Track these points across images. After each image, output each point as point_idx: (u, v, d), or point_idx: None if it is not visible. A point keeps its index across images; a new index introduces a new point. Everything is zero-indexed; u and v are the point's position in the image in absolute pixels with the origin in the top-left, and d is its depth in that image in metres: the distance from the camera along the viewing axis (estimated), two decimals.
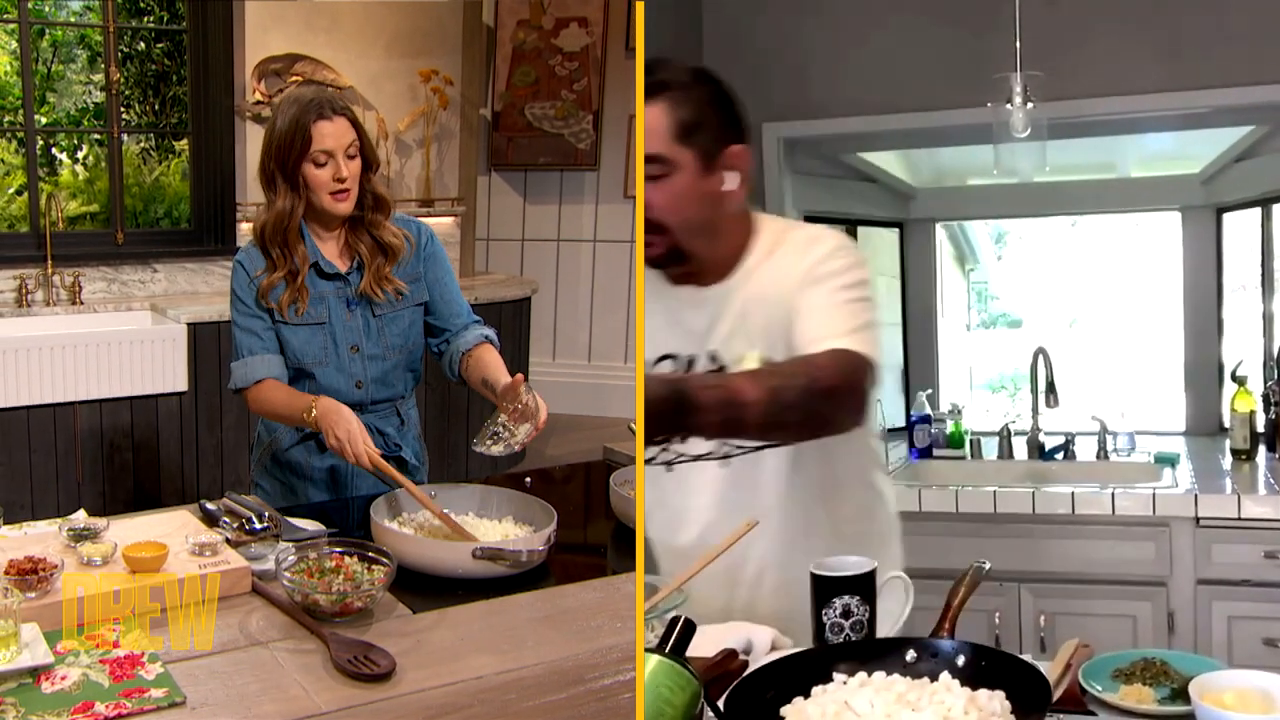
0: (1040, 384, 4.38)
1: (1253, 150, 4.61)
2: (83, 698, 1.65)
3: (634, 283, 7.13)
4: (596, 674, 1.84)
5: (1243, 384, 4.20)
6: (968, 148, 4.73)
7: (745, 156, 2.05)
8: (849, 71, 4.51)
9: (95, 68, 6.16)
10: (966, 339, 5.37)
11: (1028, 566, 3.75)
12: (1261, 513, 3.59)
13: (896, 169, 5.07)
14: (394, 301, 2.74)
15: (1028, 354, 4.46)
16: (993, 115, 3.99)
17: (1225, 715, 1.53)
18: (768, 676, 1.63)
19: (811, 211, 4.78)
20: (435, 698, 1.73)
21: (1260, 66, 4.08)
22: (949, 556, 2.21)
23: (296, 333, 2.69)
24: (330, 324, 2.71)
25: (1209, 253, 4.76)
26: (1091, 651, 1.87)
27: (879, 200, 5.05)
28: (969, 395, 5.17)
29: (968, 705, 1.50)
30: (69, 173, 6.06)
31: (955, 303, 5.35)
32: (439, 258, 2.84)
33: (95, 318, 5.11)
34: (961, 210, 5.25)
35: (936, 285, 5.12)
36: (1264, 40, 4.07)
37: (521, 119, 7.06)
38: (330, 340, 2.71)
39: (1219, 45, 4.13)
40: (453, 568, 2.16)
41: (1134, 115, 4.33)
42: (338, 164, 2.61)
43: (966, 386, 5.26)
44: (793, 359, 1.92)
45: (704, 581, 1.89)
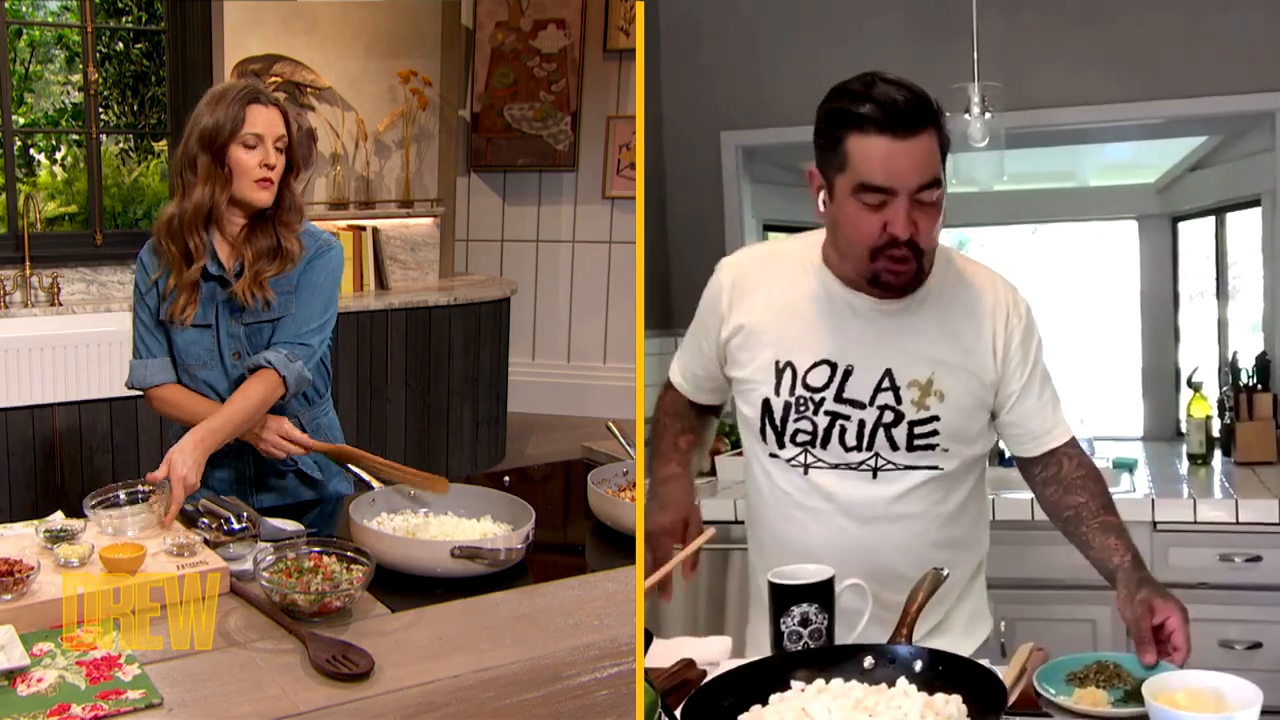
0: None
1: (1207, 160, 4.67)
2: (59, 700, 1.65)
3: (612, 283, 7.14)
4: (574, 672, 1.84)
5: (1199, 390, 4.25)
6: None
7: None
8: (807, 79, 4.48)
9: (73, 68, 6.15)
10: None
11: (987, 572, 3.76)
12: (1216, 516, 3.61)
13: None
14: (260, 311, 2.61)
15: None
16: (951, 125, 4.01)
17: (1178, 715, 1.55)
18: (726, 685, 1.64)
19: (771, 220, 4.76)
20: (413, 697, 1.74)
21: (1214, 77, 4.14)
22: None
23: (183, 334, 2.62)
24: (215, 326, 2.63)
25: (1165, 261, 4.82)
26: (1046, 655, 1.89)
27: None
28: None
29: (924, 710, 1.52)
30: (47, 173, 6.05)
31: None
32: (318, 270, 2.66)
33: (74, 319, 5.09)
34: None
35: None
36: (1218, 51, 4.13)
37: (500, 120, 7.07)
38: (215, 344, 2.64)
39: (1174, 56, 4.18)
40: (431, 567, 2.16)
41: (1091, 125, 4.37)
42: (266, 150, 2.53)
43: None
44: (1074, 462, 2.22)
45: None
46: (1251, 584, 3.59)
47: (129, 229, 5.85)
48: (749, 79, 4.53)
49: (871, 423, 2.07)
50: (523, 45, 6.98)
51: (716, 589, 3.70)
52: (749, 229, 4.63)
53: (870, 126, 1.92)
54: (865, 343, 2.07)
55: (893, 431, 2.07)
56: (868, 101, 1.91)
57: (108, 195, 5.68)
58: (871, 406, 2.07)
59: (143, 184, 6.01)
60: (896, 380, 2.06)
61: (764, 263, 2.19)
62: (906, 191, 1.92)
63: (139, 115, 6.08)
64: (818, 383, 2.08)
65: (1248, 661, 3.54)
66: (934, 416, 2.06)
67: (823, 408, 2.07)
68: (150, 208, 5.95)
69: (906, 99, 1.92)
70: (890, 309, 2.06)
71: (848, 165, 1.95)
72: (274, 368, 2.55)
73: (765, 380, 2.12)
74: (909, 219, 1.93)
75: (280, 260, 2.59)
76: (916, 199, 1.93)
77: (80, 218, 5.73)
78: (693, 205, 4.47)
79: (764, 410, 2.12)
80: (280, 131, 2.57)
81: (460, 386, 5.76)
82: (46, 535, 2.16)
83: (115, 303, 5.25)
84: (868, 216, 1.94)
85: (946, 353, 2.08)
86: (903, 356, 2.07)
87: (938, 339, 2.08)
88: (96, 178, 5.49)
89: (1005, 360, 2.10)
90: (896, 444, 2.06)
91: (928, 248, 1.98)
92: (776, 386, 2.10)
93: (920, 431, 2.06)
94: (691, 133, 4.41)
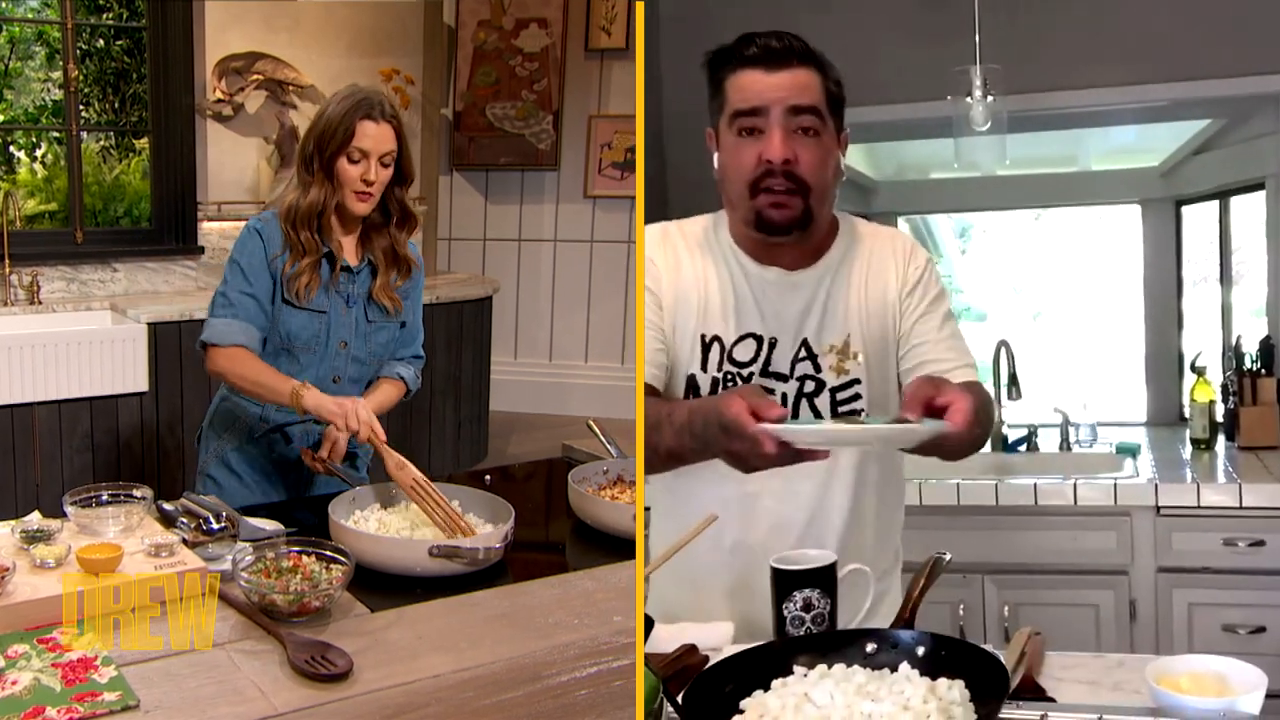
0: (1003, 377, 4.41)
1: (1210, 143, 4.66)
2: (33, 702, 1.64)
3: (593, 282, 7.14)
4: (553, 671, 1.84)
5: (1202, 375, 4.27)
6: (929, 141, 4.75)
7: (846, 146, 2.09)
8: None
9: (54, 65, 6.12)
10: None
11: (991, 558, 3.79)
12: (1220, 501, 3.64)
13: (858, 162, 5.09)
14: (386, 313, 2.77)
15: (991, 347, 4.51)
16: (953, 109, 4.02)
17: (1181, 699, 1.55)
18: (727, 670, 1.63)
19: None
20: (392, 697, 1.73)
21: (1218, 60, 4.12)
22: (913, 548, 2.23)
23: (296, 315, 2.67)
24: (329, 314, 2.71)
25: (1169, 245, 4.82)
26: (1044, 639, 1.88)
27: (841, 193, 5.04)
28: None
29: (927, 695, 1.51)
30: (27, 171, 6.02)
31: None
32: (420, 287, 2.89)
33: (54, 318, 5.07)
34: (924, 204, 5.28)
35: None
36: (1223, 34, 4.12)
37: (483, 119, 7.06)
38: (324, 330, 2.71)
39: (1178, 38, 4.17)
40: (410, 566, 2.16)
41: (1094, 109, 4.37)
42: (369, 165, 2.61)
43: None
44: (967, 383, 1.95)
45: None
46: (1255, 568, 3.63)
47: (109, 227, 5.82)
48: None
49: (794, 395, 2.06)
50: (505, 44, 6.98)
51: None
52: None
53: (744, 63, 1.97)
54: (780, 316, 2.08)
55: (815, 401, 2.07)
56: (742, 43, 1.98)
57: (88, 193, 5.65)
58: (792, 379, 2.06)
59: (123, 181, 5.99)
60: (814, 348, 2.07)
61: (671, 240, 2.16)
62: (778, 111, 1.94)
63: (120, 112, 6.05)
64: (744, 357, 2.08)
65: (1251, 646, 3.57)
66: (854, 380, 2.07)
67: (750, 383, 2.06)
68: (131, 205, 5.93)
69: (780, 40, 1.97)
70: (801, 279, 2.07)
71: (725, 102, 1.99)
72: (404, 382, 2.85)
73: (690, 356, 2.09)
74: (785, 144, 1.94)
75: (401, 268, 2.76)
76: (796, 126, 1.95)
77: (60, 215, 5.70)
78: (690, 185, 4.39)
79: (689, 388, 2.09)
80: (390, 147, 2.65)
81: (442, 385, 5.75)
82: (23, 535, 2.14)
83: (95, 301, 5.23)
84: (745, 147, 1.97)
85: (857, 310, 2.09)
86: (817, 324, 2.08)
87: (849, 300, 2.09)
88: (77, 175, 5.46)
89: (905, 296, 2.11)
90: (820, 414, 2.06)
91: (814, 182, 1.99)
92: (704, 362, 2.09)
93: (842, 398, 2.07)
94: (690, 119, 4.33)
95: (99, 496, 2.32)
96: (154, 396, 4.85)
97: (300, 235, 2.65)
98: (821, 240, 2.12)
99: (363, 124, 2.60)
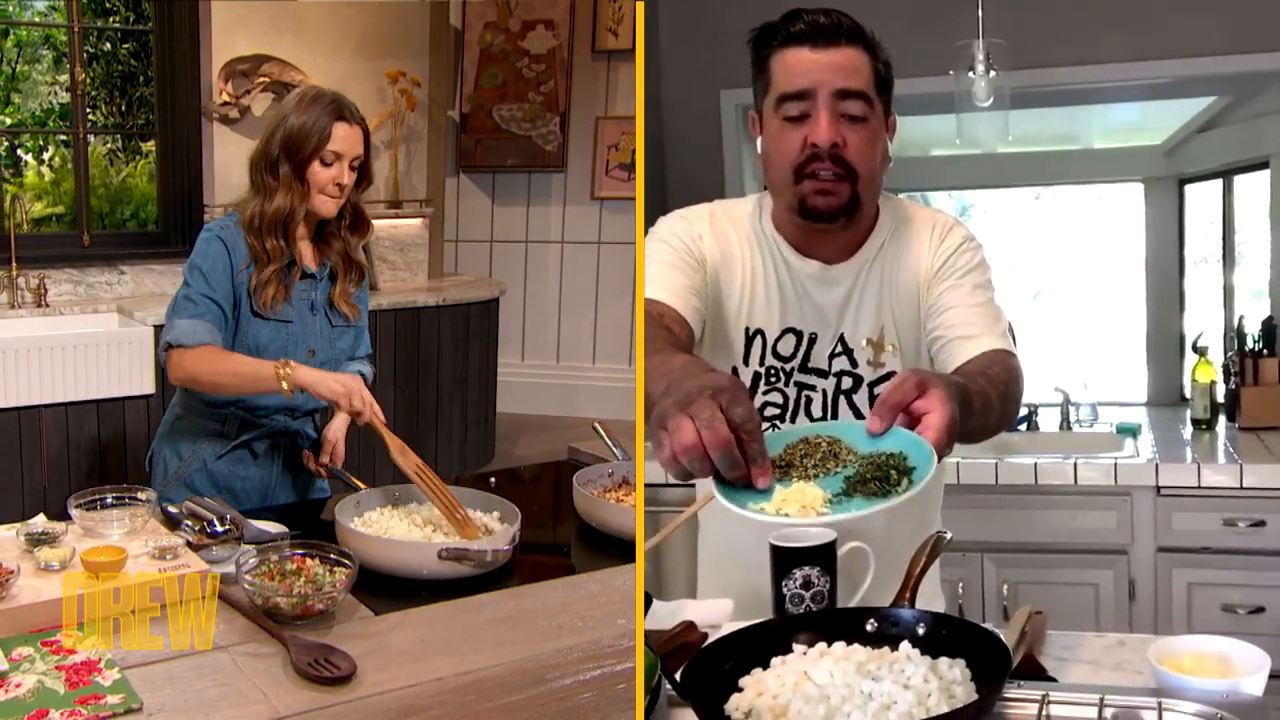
0: None
1: (1214, 121, 4.64)
2: (37, 705, 1.63)
3: (600, 284, 7.14)
4: (557, 674, 1.83)
5: (1203, 355, 4.28)
6: (930, 117, 4.72)
7: (894, 131, 2.01)
8: None
9: (61, 68, 6.13)
10: None
11: (991, 536, 3.79)
12: (1220, 481, 3.65)
13: None
14: (346, 318, 2.76)
15: None
16: (955, 84, 3.99)
17: (1184, 680, 1.54)
18: (726, 648, 1.62)
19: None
20: (395, 700, 1.73)
21: (1223, 37, 4.09)
22: None
23: (264, 326, 2.64)
24: (294, 323, 2.68)
25: (1171, 225, 4.81)
26: (1045, 618, 1.86)
27: None
28: None
29: (928, 674, 1.49)
30: (34, 174, 6.03)
31: None
32: (365, 288, 2.86)
33: (61, 320, 5.07)
34: (925, 181, 5.25)
35: None
36: (1226, 11, 4.08)
37: (489, 121, 7.06)
38: (292, 339, 2.68)
39: (1181, 15, 4.13)
40: (417, 569, 2.16)
41: (1097, 85, 4.35)
42: (342, 168, 2.60)
43: None
44: (986, 357, 1.90)
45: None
46: (1255, 549, 3.64)
47: (116, 230, 5.83)
48: (749, 37, 4.48)
49: (832, 391, 2.04)
50: (511, 46, 6.97)
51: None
52: (750, 192, 4.62)
53: (790, 40, 1.90)
54: (820, 311, 2.04)
55: (854, 397, 2.04)
56: (788, 19, 1.90)
57: (95, 196, 5.66)
58: (831, 375, 2.04)
59: (130, 184, 6.00)
60: (849, 343, 2.04)
61: (720, 224, 2.08)
62: (826, 94, 1.87)
63: (126, 115, 6.06)
64: (786, 351, 2.05)
65: (1251, 626, 3.58)
66: (891, 373, 2.02)
67: (792, 379, 2.04)
68: (138, 208, 5.93)
69: (828, 16, 1.89)
70: (839, 274, 2.03)
71: (771, 84, 1.92)
72: (365, 379, 2.72)
73: (733, 347, 2.05)
74: (832, 128, 1.88)
75: (354, 274, 2.75)
76: (842, 111, 1.89)
77: (67, 218, 5.71)
78: (691, 166, 4.33)
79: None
80: (360, 150, 2.64)
81: (449, 387, 5.75)
82: (27, 538, 2.14)
83: (103, 303, 5.24)
84: (790, 132, 1.90)
85: (889, 300, 2.04)
86: (854, 318, 2.04)
87: (881, 291, 2.04)
88: (84, 178, 5.47)
89: (934, 274, 2.03)
90: (859, 411, 2.02)
91: (861, 169, 1.92)
92: (745, 355, 2.06)
93: (879, 392, 2.04)
94: (691, 92, 4.21)
95: (104, 499, 2.32)
96: (160, 399, 4.85)
97: (266, 243, 2.59)
98: (865, 229, 2.06)
99: (337, 126, 2.59)
